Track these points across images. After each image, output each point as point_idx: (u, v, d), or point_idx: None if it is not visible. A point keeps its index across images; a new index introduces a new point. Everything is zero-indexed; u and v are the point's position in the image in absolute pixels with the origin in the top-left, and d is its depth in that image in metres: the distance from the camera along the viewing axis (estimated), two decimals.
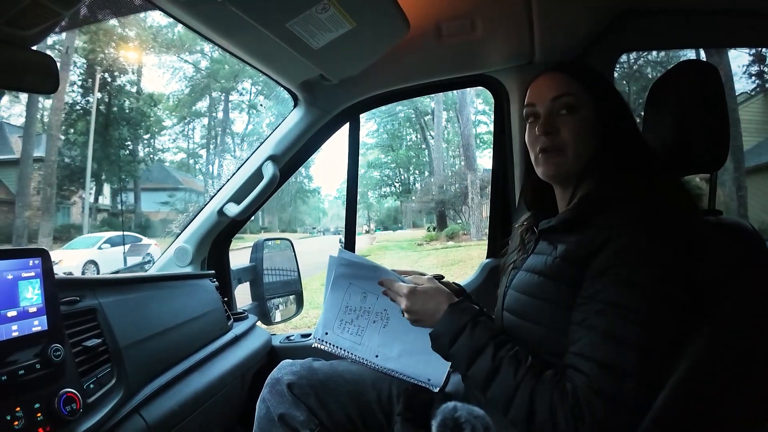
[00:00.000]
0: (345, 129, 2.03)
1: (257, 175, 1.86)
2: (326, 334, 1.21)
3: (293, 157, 1.94)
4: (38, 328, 0.95)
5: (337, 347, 1.23)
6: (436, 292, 1.06)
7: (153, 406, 1.15)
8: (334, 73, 1.67)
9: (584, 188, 1.05)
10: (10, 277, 0.92)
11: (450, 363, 1.07)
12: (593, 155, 1.02)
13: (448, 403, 0.84)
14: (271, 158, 1.85)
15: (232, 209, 1.85)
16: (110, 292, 1.22)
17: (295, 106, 1.89)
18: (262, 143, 1.92)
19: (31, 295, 0.95)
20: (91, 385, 1.03)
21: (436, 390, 1.13)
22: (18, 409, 0.86)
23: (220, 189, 1.93)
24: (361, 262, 1.21)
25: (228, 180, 1.94)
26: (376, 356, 1.21)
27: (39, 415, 0.89)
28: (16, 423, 0.84)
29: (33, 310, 0.94)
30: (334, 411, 1.17)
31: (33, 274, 0.96)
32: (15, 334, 0.90)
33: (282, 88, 1.79)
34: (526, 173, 1.76)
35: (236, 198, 1.88)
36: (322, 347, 1.21)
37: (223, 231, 1.98)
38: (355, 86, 1.85)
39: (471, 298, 1.31)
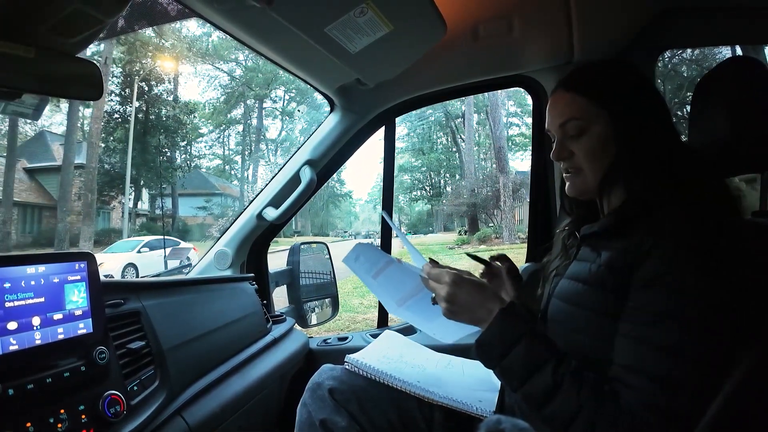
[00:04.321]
0: (379, 132, 2.02)
1: (295, 179, 1.86)
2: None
3: (330, 162, 1.94)
4: (83, 331, 0.96)
5: (371, 367, 1.21)
6: (484, 288, 0.98)
7: (195, 408, 1.16)
8: (371, 77, 1.66)
9: (616, 195, 1.01)
10: (56, 280, 0.93)
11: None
12: (611, 165, 0.98)
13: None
14: (309, 163, 1.86)
15: (271, 213, 1.85)
16: (153, 295, 1.23)
17: (331, 111, 1.89)
18: (299, 148, 1.93)
19: (77, 298, 0.96)
20: (135, 387, 1.04)
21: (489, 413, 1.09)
22: (62, 411, 0.87)
23: (259, 193, 1.95)
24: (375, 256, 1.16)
25: (266, 185, 1.95)
26: (418, 381, 1.19)
27: (83, 417, 0.90)
28: (60, 425, 0.85)
29: (78, 313, 0.96)
30: (374, 417, 1.15)
31: (79, 277, 0.97)
32: (61, 336, 0.92)
33: (317, 94, 1.79)
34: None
35: (275, 202, 1.88)
36: (355, 370, 1.21)
37: (262, 235, 1.99)
38: (391, 90, 1.85)
39: (524, 299, 1.26)
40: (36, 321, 0.89)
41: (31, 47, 0.93)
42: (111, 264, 12.43)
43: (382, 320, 2.19)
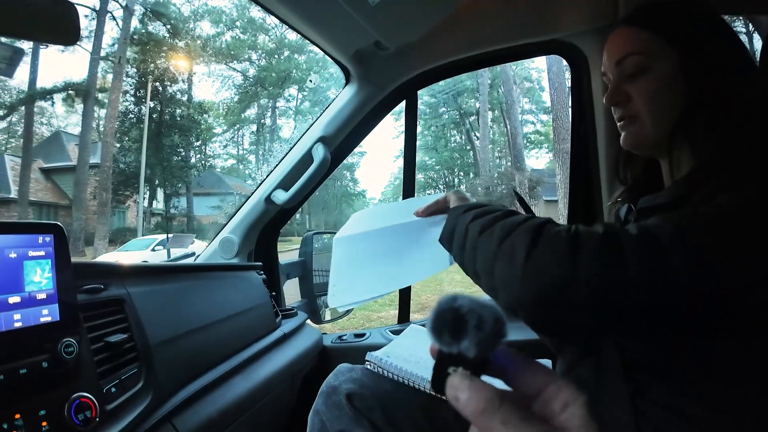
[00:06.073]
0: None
1: (307, 158, 1.69)
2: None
3: (345, 139, 1.76)
4: (47, 319, 0.78)
5: (397, 367, 1.04)
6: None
7: (188, 413, 0.97)
8: (391, 39, 1.48)
9: (686, 156, 0.81)
10: (13, 255, 0.76)
11: None
12: (681, 115, 0.80)
13: (445, 294, 0.61)
14: (322, 140, 1.68)
15: (281, 196, 1.69)
16: (141, 281, 1.06)
17: (346, 83, 1.71)
18: (312, 125, 1.75)
19: (40, 278, 0.78)
20: (113, 389, 0.86)
21: None
22: (18, 416, 0.69)
23: (268, 175, 1.77)
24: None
25: (276, 165, 1.77)
26: None
27: (44, 424, 0.72)
28: None
29: (42, 296, 0.78)
30: (403, 427, 0.96)
31: (43, 253, 0.80)
32: (18, 324, 0.74)
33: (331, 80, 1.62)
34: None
35: (285, 184, 1.72)
36: (378, 371, 1.05)
37: (271, 220, 1.83)
38: (413, 57, 1.66)
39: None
40: None
41: None
42: (125, 262, 12.45)
43: (404, 315, 2.00)
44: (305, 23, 1.35)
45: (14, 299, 0.74)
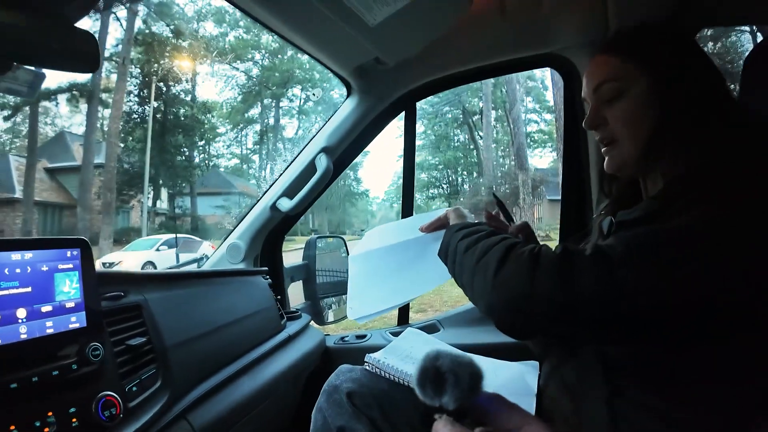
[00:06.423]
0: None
1: (310, 168, 1.77)
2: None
3: (347, 149, 1.85)
4: (76, 325, 0.86)
5: (394, 368, 1.11)
6: None
7: (201, 410, 1.06)
8: (390, 55, 1.55)
9: (660, 173, 0.88)
10: (45, 268, 0.84)
11: None
12: (654, 133, 0.86)
13: (429, 351, 0.71)
14: (324, 150, 1.77)
15: (285, 204, 1.77)
16: (157, 287, 1.14)
17: (348, 96, 1.79)
18: (314, 135, 1.83)
19: (69, 288, 0.87)
20: (134, 388, 0.94)
21: None
22: (50, 414, 0.77)
23: (273, 184, 1.86)
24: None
25: (280, 174, 1.86)
26: None
27: (74, 420, 0.80)
28: (47, 429, 0.76)
29: (70, 305, 0.86)
30: (399, 424, 1.03)
31: (71, 266, 0.88)
32: (50, 331, 0.82)
33: (334, 80, 1.69)
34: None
35: (289, 192, 1.80)
36: (376, 371, 1.11)
37: (276, 227, 1.91)
38: (411, 71, 1.74)
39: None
40: (21, 313, 0.79)
41: (24, 14, 0.85)
42: (130, 262, 12.60)
43: (403, 317, 2.08)
44: (308, 42, 1.42)
45: (46, 308, 0.83)
